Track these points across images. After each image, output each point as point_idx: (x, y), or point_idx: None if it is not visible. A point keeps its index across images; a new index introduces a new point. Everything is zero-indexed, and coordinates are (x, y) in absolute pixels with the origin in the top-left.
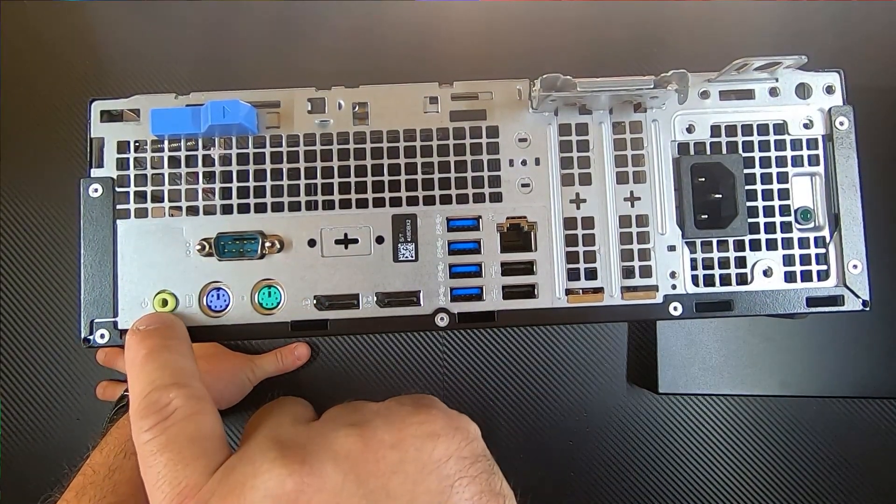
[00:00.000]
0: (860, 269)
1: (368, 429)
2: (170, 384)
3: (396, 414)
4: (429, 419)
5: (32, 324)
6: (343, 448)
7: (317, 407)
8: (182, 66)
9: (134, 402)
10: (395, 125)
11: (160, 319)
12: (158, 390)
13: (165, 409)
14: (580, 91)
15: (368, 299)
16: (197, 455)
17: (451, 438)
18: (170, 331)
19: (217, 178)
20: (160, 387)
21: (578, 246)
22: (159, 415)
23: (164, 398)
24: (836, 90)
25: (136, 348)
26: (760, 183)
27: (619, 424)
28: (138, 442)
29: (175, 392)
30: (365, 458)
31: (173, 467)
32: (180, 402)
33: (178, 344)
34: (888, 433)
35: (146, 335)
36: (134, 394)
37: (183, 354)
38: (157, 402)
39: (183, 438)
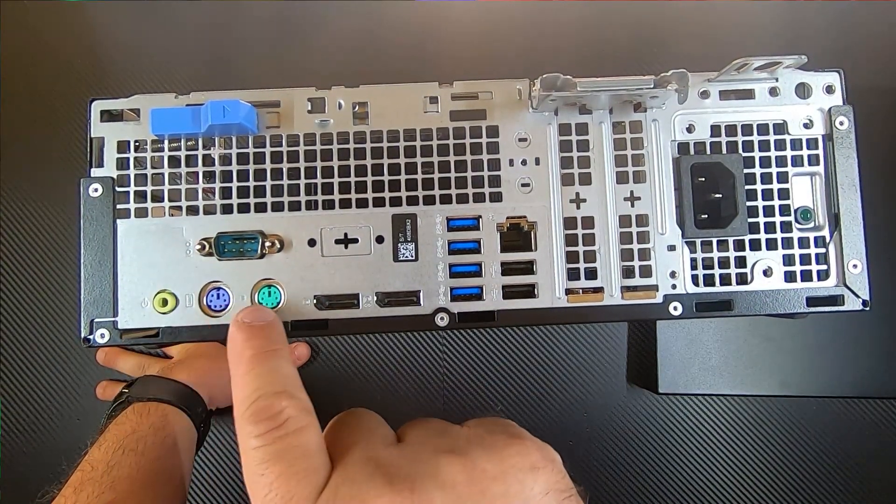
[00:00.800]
0: (860, 268)
1: (469, 459)
2: (280, 392)
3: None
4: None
5: (32, 324)
6: (449, 477)
7: (317, 407)
8: (182, 66)
9: (241, 404)
10: (395, 125)
11: (265, 316)
12: (269, 397)
13: (277, 417)
14: (580, 91)
15: (368, 299)
16: (308, 471)
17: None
18: (276, 333)
19: (217, 178)
20: (270, 393)
21: (578, 246)
22: (271, 422)
23: (276, 405)
24: (836, 90)
25: (242, 346)
26: (760, 183)
27: (619, 424)
28: (245, 447)
29: (287, 401)
30: (470, 490)
31: (286, 481)
32: (293, 412)
33: (284, 349)
34: (888, 433)
35: (252, 333)
36: (241, 396)
37: (289, 361)
38: (268, 408)
39: (296, 451)
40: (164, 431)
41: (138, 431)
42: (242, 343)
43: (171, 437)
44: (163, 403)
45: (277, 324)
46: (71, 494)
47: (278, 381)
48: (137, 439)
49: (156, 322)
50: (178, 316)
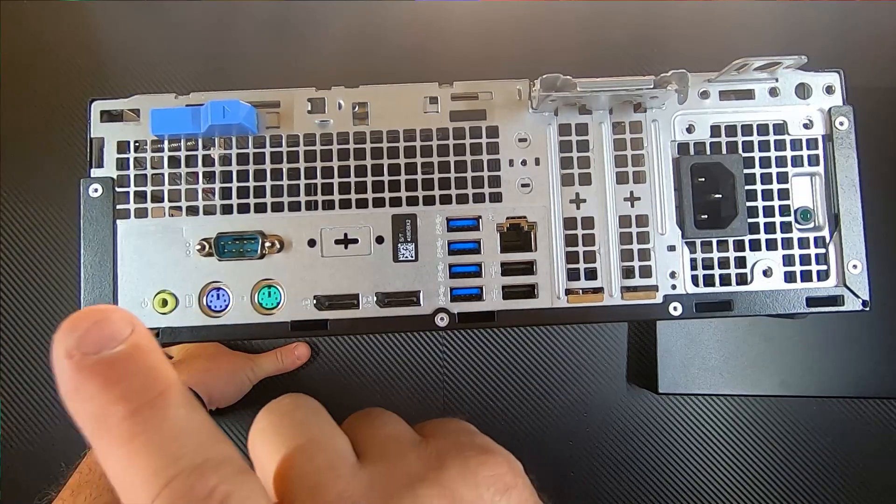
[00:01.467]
0: (860, 269)
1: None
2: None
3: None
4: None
5: (32, 324)
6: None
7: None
8: (182, 66)
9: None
10: (395, 125)
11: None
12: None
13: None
14: (580, 91)
15: (368, 299)
16: None
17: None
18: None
19: (217, 178)
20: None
21: (578, 246)
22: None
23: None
24: (836, 90)
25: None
26: (760, 183)
27: (619, 424)
28: None
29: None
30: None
31: None
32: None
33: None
34: (888, 433)
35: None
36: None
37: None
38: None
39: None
40: None
41: None
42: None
43: None
44: None
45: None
46: (69, 497)
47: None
48: None
49: (156, 322)
50: (177, 316)
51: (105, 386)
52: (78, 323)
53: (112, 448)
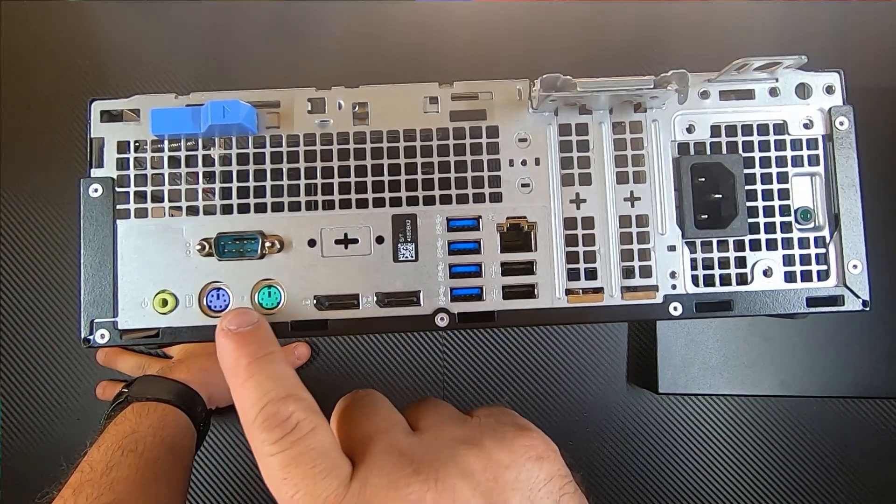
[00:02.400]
0: (860, 269)
1: (484, 449)
2: (285, 396)
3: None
4: (533, 442)
5: (32, 324)
6: (468, 466)
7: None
8: (182, 66)
9: (248, 413)
10: (395, 125)
11: (250, 319)
12: (275, 402)
13: (287, 421)
14: (580, 91)
15: (368, 299)
16: (331, 468)
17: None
18: (267, 335)
19: (217, 178)
20: (276, 399)
21: (578, 246)
22: (283, 428)
23: (284, 410)
24: (836, 90)
25: (237, 356)
26: (760, 183)
27: (619, 424)
28: (262, 454)
29: (294, 405)
30: (486, 477)
31: (311, 481)
32: (301, 414)
33: (278, 350)
34: (888, 433)
35: (243, 340)
36: (246, 405)
37: (285, 362)
38: (277, 414)
39: (314, 451)
40: (163, 431)
41: (137, 432)
42: (235, 352)
43: (170, 437)
44: (162, 403)
45: (265, 325)
46: (70, 496)
47: (281, 386)
48: (136, 440)
49: (156, 322)
50: (178, 316)
51: (238, 346)
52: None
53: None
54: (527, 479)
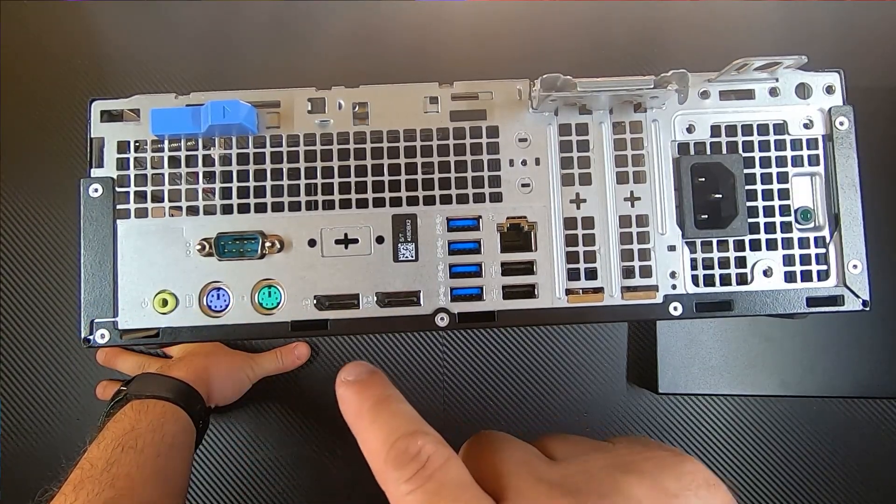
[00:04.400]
0: (860, 269)
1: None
2: (413, 431)
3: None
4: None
5: (32, 324)
6: (632, 493)
7: (317, 406)
8: (182, 66)
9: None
10: (395, 125)
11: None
12: (404, 438)
13: (419, 456)
14: (580, 91)
15: (368, 299)
16: (475, 499)
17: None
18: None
19: (217, 178)
20: (404, 435)
21: (578, 246)
22: (416, 463)
23: (413, 446)
24: (836, 90)
25: (360, 399)
26: (760, 183)
27: (619, 424)
28: (399, 495)
29: (422, 439)
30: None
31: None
32: (431, 448)
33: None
34: (888, 433)
35: (363, 386)
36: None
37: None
38: (407, 450)
39: (451, 485)
40: (162, 429)
41: (137, 429)
42: (357, 397)
43: (169, 435)
44: (161, 400)
45: (380, 372)
46: (70, 492)
47: (406, 422)
48: (136, 437)
49: (156, 322)
50: (178, 316)
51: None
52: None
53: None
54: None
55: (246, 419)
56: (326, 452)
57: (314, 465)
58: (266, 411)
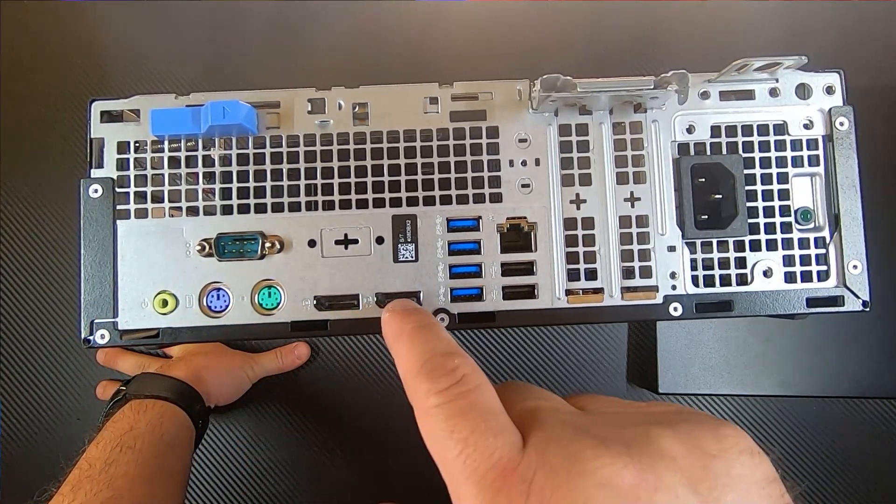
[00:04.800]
0: (860, 269)
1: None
2: (450, 351)
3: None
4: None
5: (32, 324)
6: (667, 449)
7: (317, 406)
8: (182, 67)
9: (412, 367)
10: (395, 125)
11: (414, 304)
12: (441, 356)
13: (454, 373)
14: (580, 91)
15: (368, 299)
16: (503, 428)
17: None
18: (427, 314)
19: (217, 179)
20: (441, 353)
21: (578, 246)
22: (449, 378)
23: (450, 363)
24: (836, 90)
25: (401, 323)
26: (760, 183)
27: None
28: (425, 408)
29: (459, 359)
30: (691, 465)
31: (482, 437)
32: (468, 369)
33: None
34: (888, 433)
35: (407, 313)
36: (410, 362)
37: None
38: (443, 365)
39: (482, 407)
40: (161, 428)
41: (136, 429)
42: (400, 322)
43: (168, 434)
44: (160, 400)
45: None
46: (69, 492)
47: (445, 344)
48: (135, 437)
49: (156, 323)
50: (178, 316)
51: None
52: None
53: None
54: (741, 476)
55: (246, 419)
56: (326, 452)
57: (314, 465)
58: (266, 411)
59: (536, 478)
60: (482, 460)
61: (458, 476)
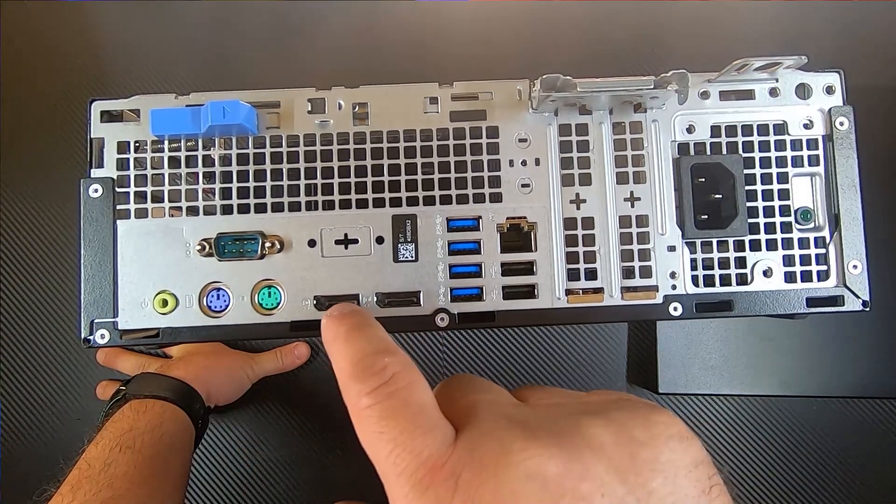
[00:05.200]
0: (860, 269)
1: (613, 421)
2: (381, 350)
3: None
4: (671, 420)
5: (32, 324)
6: (595, 438)
7: (317, 406)
8: (182, 66)
9: (344, 370)
10: (395, 125)
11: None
12: (371, 356)
13: (383, 372)
14: (580, 91)
15: (368, 299)
16: (433, 426)
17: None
18: (366, 314)
19: (217, 179)
20: (371, 353)
21: (578, 246)
22: (378, 378)
23: (379, 362)
24: (836, 90)
25: (336, 326)
26: (760, 183)
27: None
28: (357, 409)
29: (389, 357)
30: (619, 453)
31: (409, 436)
32: (398, 367)
33: (377, 324)
34: (888, 433)
35: (343, 316)
36: (342, 364)
37: (383, 331)
38: (372, 365)
39: (412, 407)
40: (161, 428)
41: (135, 429)
42: (336, 325)
43: (168, 434)
44: (160, 400)
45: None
46: (68, 492)
47: (376, 343)
48: (134, 437)
49: (156, 322)
50: (178, 316)
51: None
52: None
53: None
54: (669, 461)
55: (246, 419)
56: (326, 452)
57: (314, 465)
58: (266, 411)
59: (464, 473)
60: (411, 459)
61: (390, 475)
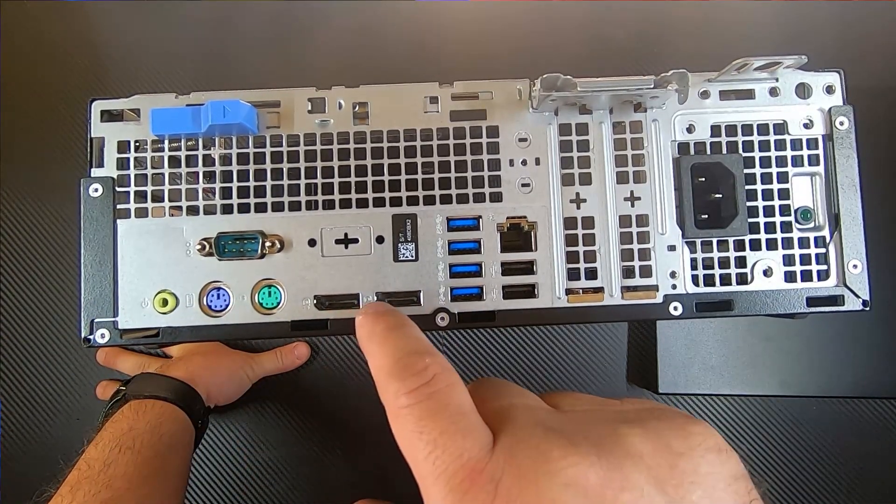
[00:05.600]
0: (860, 268)
1: (652, 431)
2: (421, 351)
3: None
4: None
5: (32, 324)
6: (634, 447)
7: (317, 406)
8: (182, 66)
9: (382, 368)
10: (395, 125)
11: (387, 306)
12: (411, 355)
13: (424, 373)
14: (580, 91)
15: (368, 299)
16: (473, 428)
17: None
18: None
19: (217, 178)
20: (412, 352)
21: (578, 246)
22: (419, 378)
23: (420, 362)
24: (836, 90)
25: (372, 324)
26: (760, 183)
27: None
28: (395, 408)
29: (430, 358)
30: (657, 463)
31: (450, 438)
32: (438, 368)
33: (413, 324)
34: (888, 433)
35: (379, 315)
36: (381, 363)
37: (420, 332)
38: (412, 364)
39: (452, 408)
40: (160, 429)
41: (135, 429)
42: (372, 323)
43: (168, 435)
44: (159, 400)
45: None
46: (67, 493)
47: (416, 343)
48: (134, 437)
49: (156, 322)
50: (178, 316)
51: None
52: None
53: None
54: (708, 474)
55: (246, 419)
56: (326, 452)
57: (314, 465)
58: (266, 411)
59: (504, 478)
60: (451, 461)
61: (427, 477)
